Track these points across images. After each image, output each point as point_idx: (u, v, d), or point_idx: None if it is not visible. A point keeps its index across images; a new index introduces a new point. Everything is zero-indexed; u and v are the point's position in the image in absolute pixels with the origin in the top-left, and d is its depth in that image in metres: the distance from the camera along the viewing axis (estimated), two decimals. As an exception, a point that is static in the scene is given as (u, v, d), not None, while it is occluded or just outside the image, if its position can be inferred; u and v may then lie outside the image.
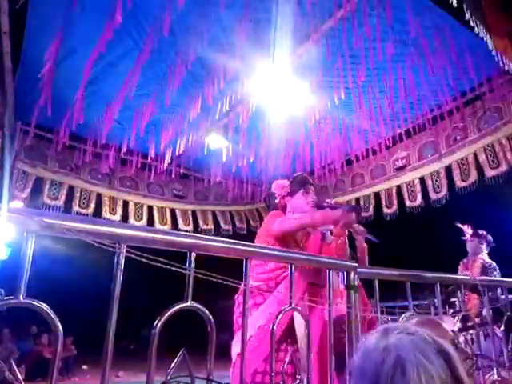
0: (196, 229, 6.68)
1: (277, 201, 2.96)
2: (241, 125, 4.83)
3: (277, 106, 4.49)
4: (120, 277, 1.29)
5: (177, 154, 5.46)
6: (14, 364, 1.14)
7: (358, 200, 6.49)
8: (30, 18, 3.51)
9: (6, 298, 1.13)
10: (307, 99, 4.48)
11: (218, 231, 6.84)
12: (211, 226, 6.86)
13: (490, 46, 2.29)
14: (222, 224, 6.95)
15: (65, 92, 4.29)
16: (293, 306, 1.68)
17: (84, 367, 9.49)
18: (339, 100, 4.45)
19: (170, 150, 5.40)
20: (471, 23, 2.27)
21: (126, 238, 1.31)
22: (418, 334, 0.76)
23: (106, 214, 5.97)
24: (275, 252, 1.91)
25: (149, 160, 6.02)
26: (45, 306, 1.16)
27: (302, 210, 2.82)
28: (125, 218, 6.09)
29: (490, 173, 4.78)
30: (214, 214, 7.00)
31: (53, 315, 1.16)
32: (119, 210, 6.13)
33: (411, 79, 4.38)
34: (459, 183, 5.10)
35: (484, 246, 4.79)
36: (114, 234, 1.29)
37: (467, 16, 2.27)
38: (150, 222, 6.29)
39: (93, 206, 5.87)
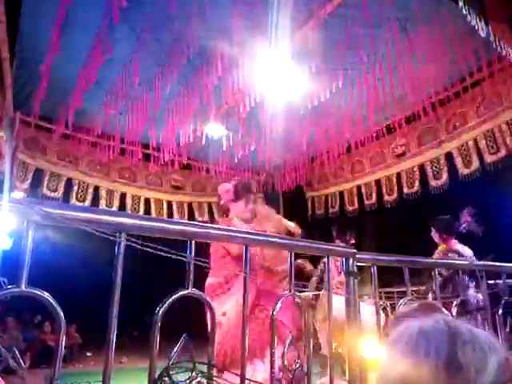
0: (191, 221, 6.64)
1: (221, 202, 3.35)
2: (240, 113, 4.80)
3: (276, 92, 4.46)
4: (121, 265, 1.31)
5: (177, 143, 5.43)
6: (16, 352, 1.15)
7: (359, 188, 6.48)
8: (25, 7, 3.47)
9: (8, 286, 1.14)
10: (306, 85, 4.44)
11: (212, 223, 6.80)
12: (206, 218, 6.87)
13: (483, 33, 2.26)
14: (216, 216, 6.89)
15: (63, 81, 4.26)
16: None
17: (88, 354, 9.60)
18: (338, 86, 4.42)
19: (170, 139, 5.38)
20: (463, 11, 2.25)
21: (126, 227, 1.32)
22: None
23: (102, 206, 5.94)
24: (275, 239, 1.92)
25: (149, 150, 6.02)
26: (46, 295, 1.17)
27: (242, 216, 3.22)
28: (121, 210, 6.07)
29: (489, 158, 4.77)
30: (209, 205, 7.00)
31: (54, 303, 1.17)
32: (116, 203, 6.14)
33: (410, 65, 4.33)
34: (462, 170, 5.08)
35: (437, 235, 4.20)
36: (114, 222, 1.30)
37: (460, 4, 2.25)
38: (147, 214, 6.26)
39: (89, 198, 5.86)
